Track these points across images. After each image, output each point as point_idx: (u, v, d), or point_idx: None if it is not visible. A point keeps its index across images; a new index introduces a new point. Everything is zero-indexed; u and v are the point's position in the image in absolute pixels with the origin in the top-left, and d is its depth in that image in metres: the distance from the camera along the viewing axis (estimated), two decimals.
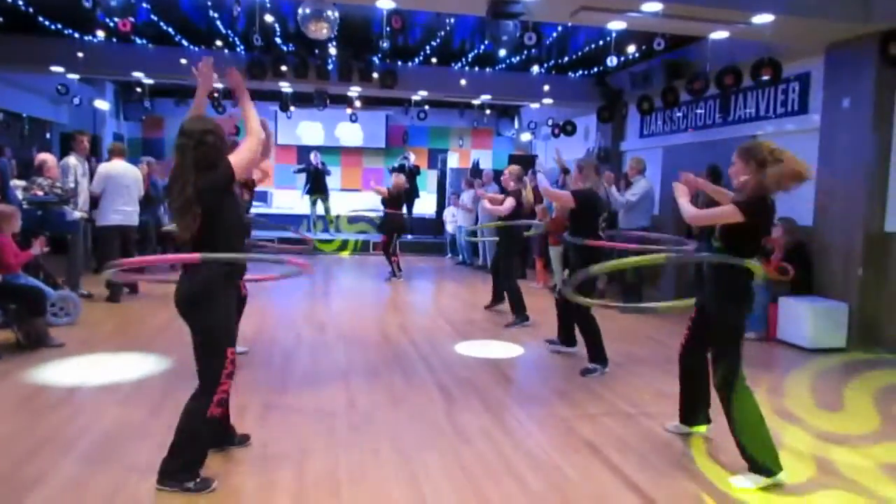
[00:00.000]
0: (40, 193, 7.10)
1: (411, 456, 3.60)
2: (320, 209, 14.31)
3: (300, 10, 6.59)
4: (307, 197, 14.28)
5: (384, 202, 10.41)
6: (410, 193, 13.08)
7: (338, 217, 14.73)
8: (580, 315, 5.41)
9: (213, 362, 3.05)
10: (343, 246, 13.87)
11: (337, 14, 6.63)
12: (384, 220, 10.71)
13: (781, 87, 7.76)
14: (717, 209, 3.55)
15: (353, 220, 14.70)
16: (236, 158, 3.06)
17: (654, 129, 10.69)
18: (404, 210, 11.14)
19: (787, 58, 7.33)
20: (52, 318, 6.03)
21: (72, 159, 7.89)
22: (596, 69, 11.05)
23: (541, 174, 6.18)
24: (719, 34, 7.06)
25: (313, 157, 14.16)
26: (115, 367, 5.06)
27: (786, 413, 4.55)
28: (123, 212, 7.82)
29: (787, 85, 7.67)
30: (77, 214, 7.62)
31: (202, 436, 3.11)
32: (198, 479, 3.05)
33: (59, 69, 10.65)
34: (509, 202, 7.12)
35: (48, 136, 13.09)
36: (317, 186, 14.07)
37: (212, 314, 3.02)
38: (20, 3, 8.38)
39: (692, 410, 4.00)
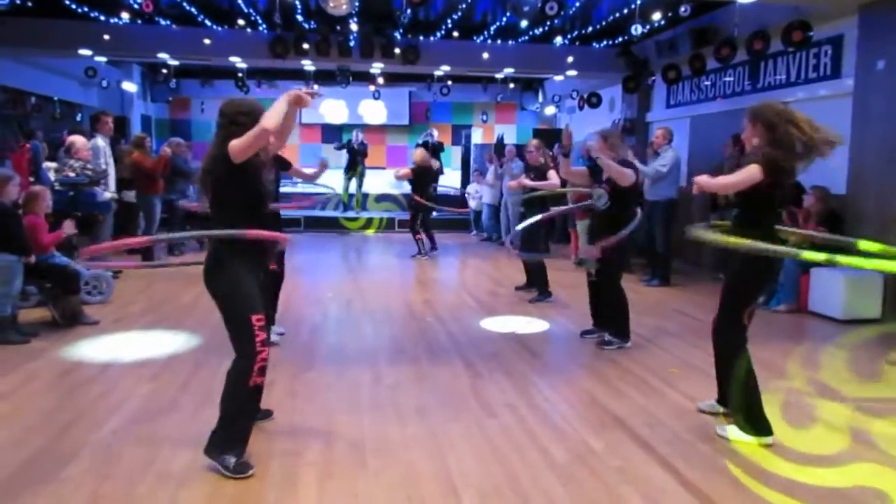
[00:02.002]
0: (71, 175, 7.23)
1: (437, 429, 3.63)
2: (353, 187, 14.32)
3: None
4: (343, 175, 14.30)
5: (411, 182, 10.29)
6: (436, 171, 12.99)
7: (366, 196, 14.75)
8: (611, 287, 5.31)
9: (238, 331, 3.08)
10: (368, 224, 13.93)
11: None
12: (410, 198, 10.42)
13: (813, 51, 7.53)
14: (742, 171, 3.35)
15: (381, 198, 14.63)
16: (234, 141, 2.99)
17: (680, 99, 10.48)
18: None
19: (818, 20, 7.10)
20: (85, 297, 6.17)
21: (99, 140, 7.98)
22: (620, 38, 10.81)
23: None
24: None
25: (355, 136, 14.14)
26: (146, 344, 5.17)
27: (819, 384, 4.49)
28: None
29: (819, 48, 7.44)
30: (107, 195, 7.75)
31: (247, 405, 3.13)
32: (240, 460, 3.05)
33: (87, 52, 10.78)
34: (555, 175, 6.87)
35: (78, 118, 13.30)
36: (354, 165, 14.08)
37: (222, 282, 3.08)
38: None
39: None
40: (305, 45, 10.63)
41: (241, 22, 10.64)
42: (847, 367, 4.91)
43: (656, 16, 9.05)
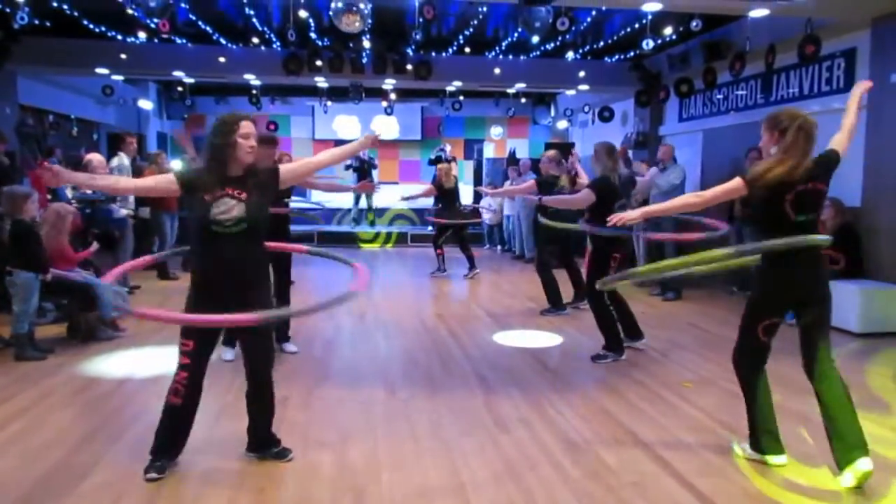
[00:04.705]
0: (89, 192, 7.34)
1: (450, 444, 3.62)
2: (363, 203, 14.39)
3: (333, 4, 6.64)
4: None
5: (439, 197, 10.04)
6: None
7: (384, 210, 14.76)
8: (593, 300, 5.34)
9: None
10: (380, 237, 13.98)
11: (369, 6, 6.67)
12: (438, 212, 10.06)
13: (826, 64, 7.52)
14: (723, 185, 3.29)
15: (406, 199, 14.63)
16: (288, 166, 3.42)
17: (693, 113, 10.48)
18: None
19: (830, 33, 7.09)
20: (102, 313, 6.22)
21: (115, 161, 8.27)
22: (632, 53, 10.86)
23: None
24: (759, 12, 6.86)
25: (363, 152, 14.24)
26: (161, 359, 5.20)
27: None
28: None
29: (832, 61, 7.43)
30: (124, 212, 7.85)
31: (163, 420, 3.25)
32: (153, 463, 3.18)
33: (104, 70, 10.98)
34: (585, 178, 6.69)
35: (95, 136, 13.49)
36: (362, 180, 14.14)
37: None
38: (66, 7, 8.65)
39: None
40: (319, 62, 10.77)
41: (255, 40, 10.80)
42: (868, 381, 4.85)
43: (668, 30, 9.08)
